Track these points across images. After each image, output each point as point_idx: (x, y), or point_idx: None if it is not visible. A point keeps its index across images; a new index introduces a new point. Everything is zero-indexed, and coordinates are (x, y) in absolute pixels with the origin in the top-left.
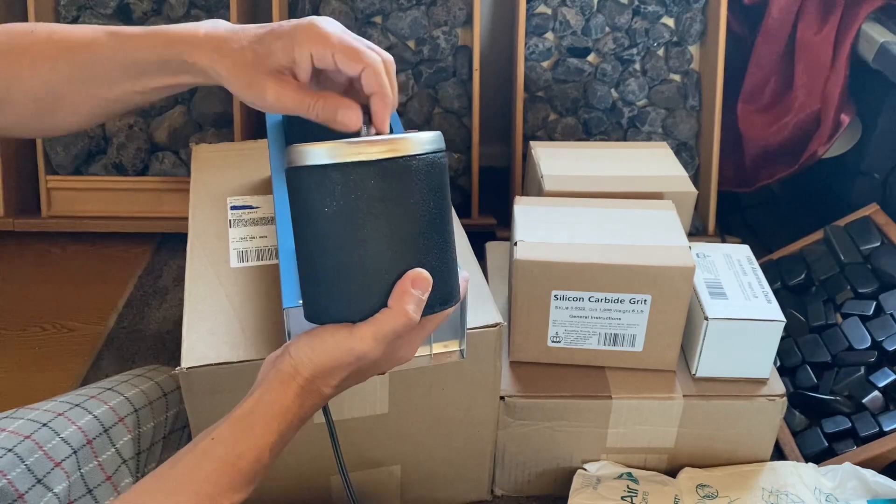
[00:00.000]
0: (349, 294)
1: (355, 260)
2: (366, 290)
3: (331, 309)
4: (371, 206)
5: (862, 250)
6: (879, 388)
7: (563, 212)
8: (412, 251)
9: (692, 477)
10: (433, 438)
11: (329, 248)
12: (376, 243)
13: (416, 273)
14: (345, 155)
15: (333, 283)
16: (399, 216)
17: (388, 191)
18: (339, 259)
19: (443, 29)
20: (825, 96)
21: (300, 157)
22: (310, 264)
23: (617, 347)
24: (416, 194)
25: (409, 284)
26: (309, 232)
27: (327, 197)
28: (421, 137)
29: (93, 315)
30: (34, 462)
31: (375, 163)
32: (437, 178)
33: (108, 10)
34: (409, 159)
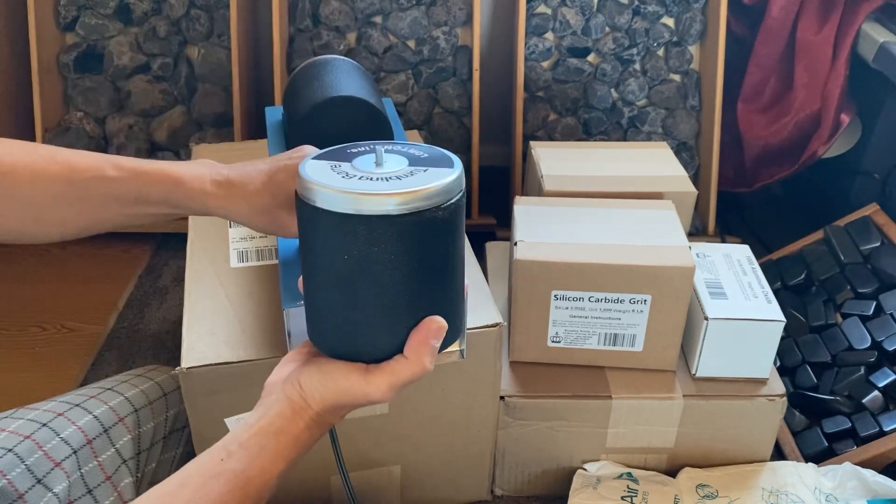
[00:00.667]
0: (364, 338)
1: (373, 306)
2: (382, 336)
3: (343, 347)
4: (393, 256)
5: (862, 250)
6: (879, 388)
7: (563, 212)
8: (430, 297)
9: (692, 477)
10: (433, 438)
11: (346, 292)
12: (395, 291)
13: (434, 323)
14: (370, 206)
15: (347, 325)
16: (420, 263)
17: (412, 241)
18: (356, 304)
19: (443, 29)
20: (825, 96)
21: (321, 197)
22: (322, 302)
23: (617, 347)
24: (438, 242)
25: (427, 335)
26: (325, 273)
27: (348, 245)
28: (446, 184)
29: (93, 315)
30: (34, 462)
31: (400, 217)
32: (458, 222)
33: (108, 10)
34: (435, 211)
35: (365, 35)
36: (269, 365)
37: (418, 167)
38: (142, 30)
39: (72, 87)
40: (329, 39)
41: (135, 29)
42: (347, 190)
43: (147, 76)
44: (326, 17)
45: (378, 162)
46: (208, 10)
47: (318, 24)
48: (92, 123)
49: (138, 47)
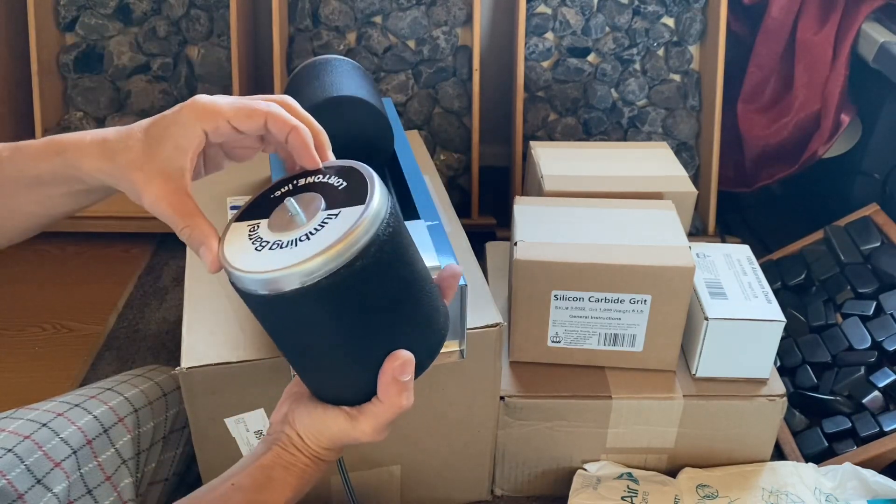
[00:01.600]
0: (338, 388)
1: (334, 362)
2: (353, 384)
3: (324, 395)
4: (328, 318)
5: (862, 250)
6: (879, 388)
7: (563, 212)
8: (389, 333)
9: (692, 477)
10: (433, 438)
11: (303, 357)
12: (348, 345)
13: (397, 360)
14: (284, 284)
15: (319, 379)
16: (362, 312)
17: (342, 299)
18: (317, 365)
19: (443, 29)
20: (825, 96)
21: (239, 281)
22: (291, 362)
23: (617, 347)
24: (374, 284)
25: (393, 374)
26: (278, 341)
27: (280, 319)
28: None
29: (93, 315)
30: (34, 462)
31: (317, 284)
32: (393, 250)
33: (107, 10)
34: (354, 262)
35: (365, 35)
36: (269, 365)
37: (332, 210)
38: (142, 30)
39: (72, 87)
40: (329, 39)
41: (135, 29)
42: (259, 270)
43: (147, 76)
44: (326, 17)
45: (292, 213)
46: (208, 10)
47: (318, 24)
48: (92, 123)
49: (138, 47)
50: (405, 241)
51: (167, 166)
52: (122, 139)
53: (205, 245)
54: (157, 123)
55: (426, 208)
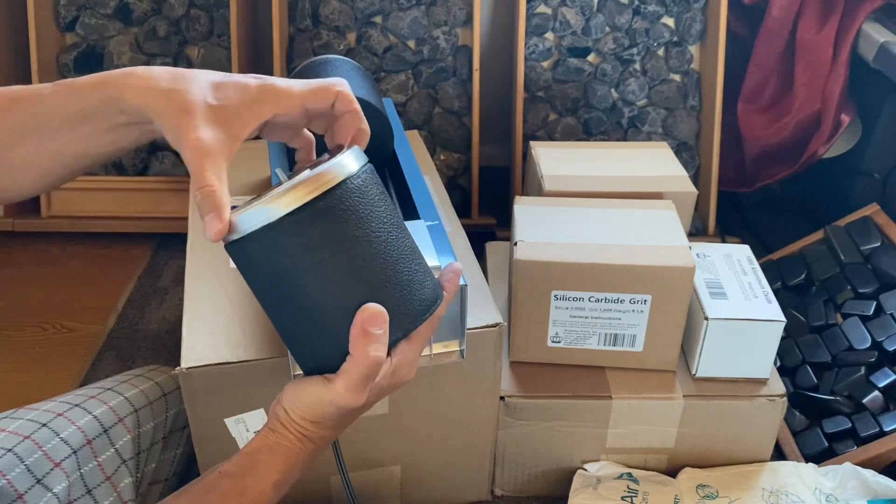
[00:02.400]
0: (311, 349)
1: (304, 317)
2: (325, 343)
3: (305, 364)
4: (299, 261)
5: (862, 250)
6: (879, 388)
7: (563, 212)
8: (359, 288)
9: (692, 477)
10: (433, 438)
11: (277, 311)
12: (318, 295)
13: (366, 311)
14: (249, 224)
15: (294, 340)
16: (332, 259)
17: (310, 240)
18: (290, 319)
19: (443, 29)
20: (825, 96)
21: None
22: (274, 326)
23: (617, 347)
24: (343, 229)
25: (362, 327)
26: (257, 297)
27: (254, 267)
28: (329, 171)
29: (93, 315)
30: (34, 462)
31: (281, 221)
32: (364, 201)
33: (108, 10)
34: (316, 200)
35: (365, 35)
36: (269, 365)
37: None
38: (142, 30)
39: None
40: (329, 39)
41: (135, 29)
42: (233, 219)
43: None
44: (326, 17)
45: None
46: (208, 10)
47: (318, 24)
48: None
49: (138, 47)
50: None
51: (224, 128)
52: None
53: (215, 213)
54: (225, 86)
55: (426, 208)
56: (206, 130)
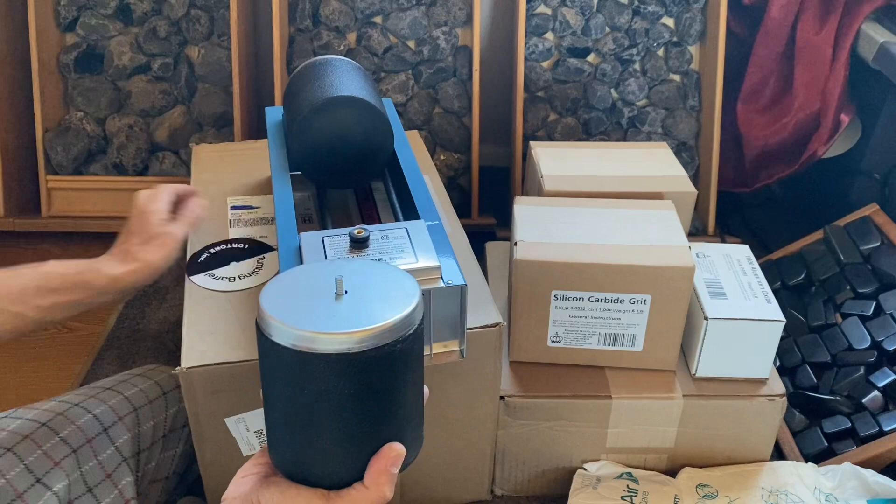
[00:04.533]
0: (324, 467)
1: (332, 438)
2: (341, 465)
3: (303, 475)
4: (350, 391)
5: (862, 250)
6: (879, 388)
7: (563, 212)
8: (389, 426)
9: (692, 477)
10: (433, 438)
11: (305, 425)
12: (354, 423)
13: (393, 451)
14: (327, 346)
15: (307, 455)
16: (378, 395)
17: (369, 376)
18: (315, 436)
19: (443, 29)
20: (825, 96)
21: (276, 333)
22: (282, 432)
23: (617, 347)
24: (396, 373)
25: (387, 463)
26: (284, 404)
27: (306, 380)
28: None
29: (93, 315)
30: (33, 461)
31: (358, 354)
32: (417, 351)
33: (108, 10)
34: (393, 345)
35: (365, 35)
36: None
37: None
38: (142, 30)
39: (72, 87)
40: (329, 39)
41: (135, 29)
42: (304, 328)
43: (147, 76)
44: (326, 18)
45: (338, 293)
46: (208, 10)
47: (318, 24)
48: (92, 123)
49: (138, 47)
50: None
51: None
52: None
53: None
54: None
55: (426, 208)
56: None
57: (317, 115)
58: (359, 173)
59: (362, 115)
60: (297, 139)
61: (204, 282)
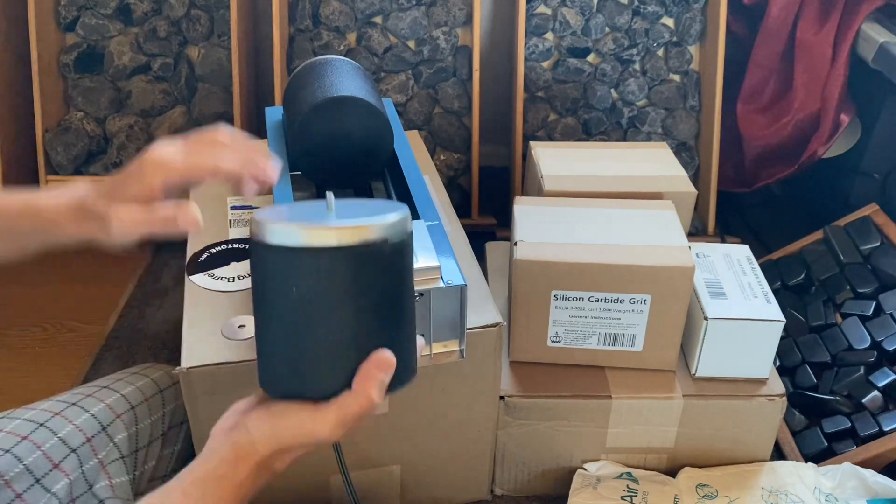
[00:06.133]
0: (313, 374)
1: (321, 342)
2: (330, 371)
3: (292, 386)
4: (339, 291)
5: (861, 250)
6: (879, 388)
7: (563, 212)
8: (378, 332)
9: (692, 477)
10: (433, 438)
11: (294, 329)
12: (343, 326)
13: (381, 355)
14: (319, 240)
15: (297, 362)
16: (366, 299)
17: (358, 276)
18: (304, 340)
19: (443, 29)
20: (825, 96)
21: (269, 234)
22: (273, 340)
23: (617, 347)
24: (384, 278)
25: (375, 368)
26: (273, 311)
27: (295, 279)
28: (391, 221)
29: (93, 315)
30: (33, 462)
31: (347, 249)
32: (404, 260)
33: (108, 10)
34: (381, 244)
35: (365, 35)
36: None
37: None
38: (142, 30)
39: (72, 87)
40: (329, 39)
41: (135, 29)
42: (297, 224)
43: (147, 76)
44: (326, 18)
45: (329, 207)
46: (208, 10)
47: (318, 24)
48: (92, 123)
49: (138, 47)
50: (411, 266)
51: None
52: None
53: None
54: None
55: (426, 208)
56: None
57: (317, 115)
58: (359, 173)
59: (362, 115)
60: (297, 139)
61: (204, 282)
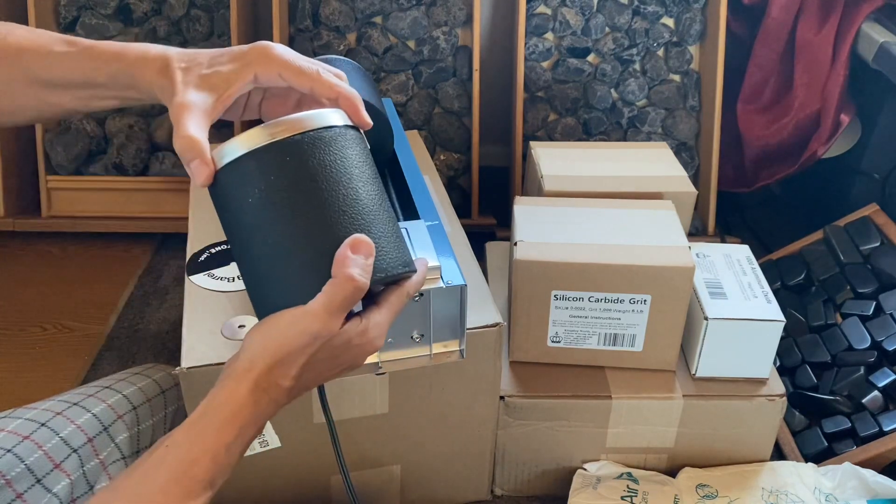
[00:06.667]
0: (292, 277)
1: (291, 240)
2: (308, 270)
3: (279, 298)
4: (292, 184)
5: (861, 250)
6: (879, 388)
7: (563, 212)
8: (348, 221)
9: (692, 477)
10: (433, 438)
11: (263, 236)
12: (307, 220)
13: (353, 238)
14: (254, 142)
15: (275, 270)
16: (324, 189)
17: (304, 166)
18: (276, 244)
19: (443, 29)
20: (825, 96)
21: (220, 156)
22: (249, 260)
23: (617, 347)
24: (336, 165)
25: (349, 250)
26: (240, 227)
27: (248, 186)
28: (320, 114)
29: (93, 315)
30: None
31: (279, 143)
32: (350, 150)
33: (108, 10)
34: (318, 132)
35: (365, 35)
36: None
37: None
38: (142, 30)
39: None
40: (329, 39)
41: (135, 29)
42: (233, 140)
43: None
44: (326, 17)
45: None
46: (208, 10)
47: (318, 24)
48: (92, 123)
49: None
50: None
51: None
52: (185, 59)
53: (199, 158)
54: (222, 56)
55: (426, 208)
56: (191, 94)
57: None
58: None
59: None
60: None
61: (204, 282)
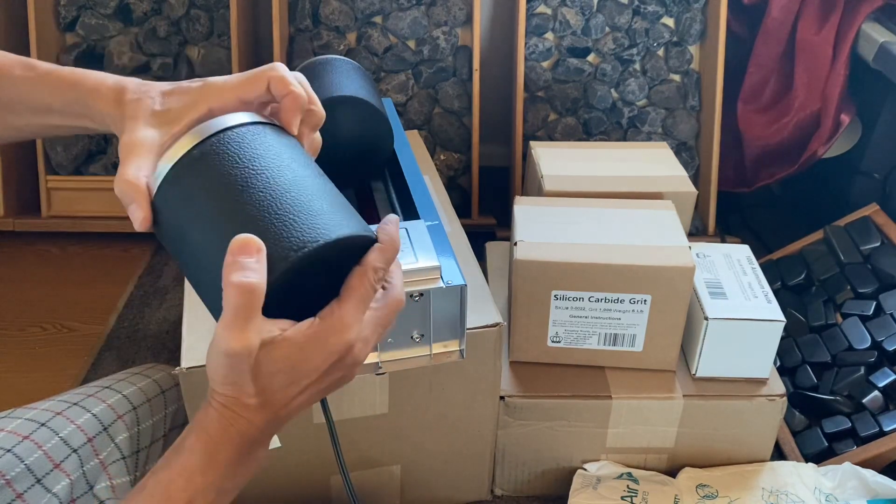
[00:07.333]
0: (206, 294)
1: (201, 267)
2: (214, 286)
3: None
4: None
5: (862, 250)
6: (879, 388)
7: (563, 212)
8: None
9: (692, 477)
10: (433, 438)
11: (188, 269)
12: (205, 239)
13: (233, 243)
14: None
15: (204, 297)
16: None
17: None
18: (184, 266)
19: (443, 29)
20: (825, 96)
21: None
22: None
23: (617, 347)
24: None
25: (231, 255)
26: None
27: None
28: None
29: (93, 315)
30: (34, 462)
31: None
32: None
33: (108, 10)
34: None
35: (365, 35)
36: None
37: None
38: (142, 30)
39: None
40: (329, 39)
41: (135, 29)
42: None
43: (147, 76)
44: (326, 17)
45: None
46: (208, 10)
47: (318, 24)
48: None
49: (138, 47)
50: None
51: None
52: (139, 92)
53: (136, 203)
54: (173, 92)
55: (426, 208)
56: (141, 131)
57: None
58: (358, 173)
59: (362, 115)
60: None
61: None
